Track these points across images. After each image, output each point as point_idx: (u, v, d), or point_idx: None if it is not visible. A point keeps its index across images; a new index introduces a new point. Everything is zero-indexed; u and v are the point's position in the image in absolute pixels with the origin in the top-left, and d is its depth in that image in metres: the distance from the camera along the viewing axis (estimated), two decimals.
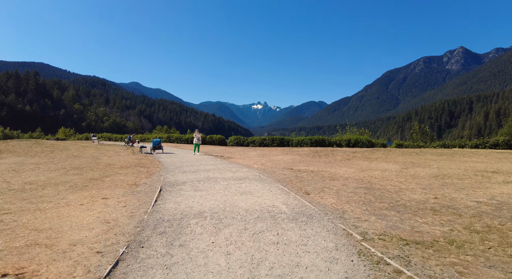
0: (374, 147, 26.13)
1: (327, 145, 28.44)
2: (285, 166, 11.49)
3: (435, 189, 7.21)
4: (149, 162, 12.39)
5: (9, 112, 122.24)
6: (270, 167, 11.13)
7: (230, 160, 13.63)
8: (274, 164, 12.18)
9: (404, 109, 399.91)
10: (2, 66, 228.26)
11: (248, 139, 32.20)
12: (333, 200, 6.10)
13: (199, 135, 16.97)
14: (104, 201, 5.67)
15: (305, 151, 18.58)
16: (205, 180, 7.92)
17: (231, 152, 19.09)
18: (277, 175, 9.05)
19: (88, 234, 3.90)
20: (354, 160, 13.70)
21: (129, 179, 8.18)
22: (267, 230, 4.18)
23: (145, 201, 5.77)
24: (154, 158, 14.44)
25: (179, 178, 8.25)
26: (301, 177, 8.70)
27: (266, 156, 16.03)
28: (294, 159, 14.29)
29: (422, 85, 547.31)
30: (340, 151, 17.58)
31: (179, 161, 13.10)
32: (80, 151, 16.08)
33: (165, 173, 9.32)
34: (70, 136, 57.65)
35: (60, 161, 12.03)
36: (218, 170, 9.97)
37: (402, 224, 4.55)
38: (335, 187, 7.42)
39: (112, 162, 11.99)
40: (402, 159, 13.68)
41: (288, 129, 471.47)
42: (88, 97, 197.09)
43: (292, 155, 16.36)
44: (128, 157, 14.22)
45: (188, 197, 6.07)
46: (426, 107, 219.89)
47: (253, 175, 8.99)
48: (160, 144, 17.65)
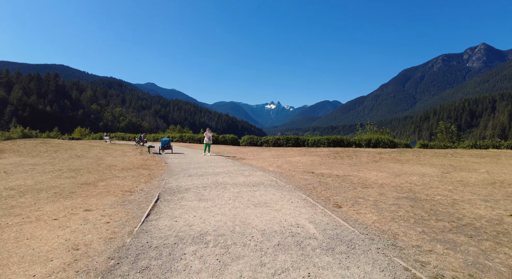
0: (396, 147, 24.25)
1: (345, 145, 26.79)
2: (305, 168, 10.13)
3: (501, 201, 5.67)
4: (154, 163, 11.36)
5: (31, 112, 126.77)
6: (287, 170, 9.81)
7: (243, 161, 12.41)
8: (291, 166, 10.84)
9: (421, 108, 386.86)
10: (26, 69, 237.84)
11: (262, 139, 30.95)
12: (373, 216, 4.72)
13: (210, 134, 15.81)
14: (85, 214, 4.55)
15: (324, 151, 17.09)
16: (213, 186, 6.71)
17: (244, 152, 17.89)
18: (297, 180, 7.72)
19: (38, 273, 2.74)
20: (382, 162, 12.14)
21: (126, 183, 7.09)
22: (292, 268, 2.89)
23: (135, 214, 4.61)
24: (162, 158, 13.43)
25: (182, 183, 7.08)
26: (326, 183, 7.33)
27: (281, 157, 14.71)
28: (314, 160, 12.88)
29: (440, 84, 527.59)
30: (363, 152, 15.99)
31: (187, 162, 12.00)
32: (85, 151, 15.33)
33: (168, 176, 8.19)
34: (85, 136, 58.45)
35: (60, 162, 11.20)
36: (229, 173, 8.75)
37: (489, 261, 3.14)
38: (371, 196, 6.02)
39: (114, 163, 11.04)
40: (438, 161, 11.99)
41: (301, 129, 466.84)
42: (105, 98, 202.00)
43: (310, 156, 14.95)
44: (133, 158, 13.28)
45: (189, 210, 4.86)
46: (445, 107, 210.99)
47: (269, 179, 7.70)
48: (169, 144, 16.68)
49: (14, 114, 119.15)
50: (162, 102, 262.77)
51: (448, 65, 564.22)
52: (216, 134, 35.02)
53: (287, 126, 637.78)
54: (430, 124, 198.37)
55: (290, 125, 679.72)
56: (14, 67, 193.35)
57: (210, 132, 15.95)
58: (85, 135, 58.59)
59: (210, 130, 16.08)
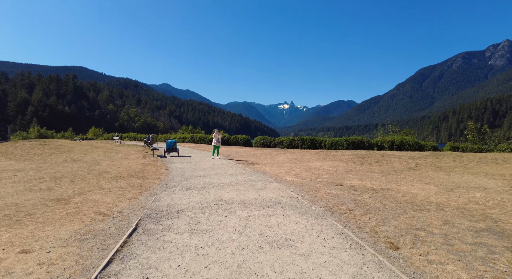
0: (422, 150, 21.96)
1: (366, 147, 24.68)
2: (330, 178, 8.36)
3: None
4: (153, 170, 9.91)
5: (50, 113, 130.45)
6: (309, 180, 8.08)
7: (255, 167, 10.77)
8: (312, 174, 9.10)
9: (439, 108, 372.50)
10: (48, 71, 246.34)
11: (275, 140, 29.22)
12: (458, 270, 2.95)
13: (219, 135, 14.23)
14: (15, 260, 3.04)
15: (346, 155, 15.19)
16: (214, 207, 5.10)
17: (257, 155, 16.25)
18: (323, 197, 5.99)
19: None
20: (421, 169, 10.17)
21: (107, 200, 5.60)
22: None
23: (91, 261, 3.05)
24: (164, 162, 12.00)
25: (176, 201, 5.51)
26: (363, 203, 5.56)
27: (298, 161, 12.96)
28: (337, 166, 11.07)
29: (460, 83, 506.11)
30: (392, 156, 13.98)
31: (191, 167, 10.49)
32: (84, 154, 14.15)
33: (162, 189, 6.65)
34: (99, 136, 58.69)
35: (49, 167, 9.95)
36: (237, 185, 7.12)
37: None
38: (434, 227, 4.22)
39: (108, 169, 9.66)
40: (493, 170, 9.89)
41: (315, 129, 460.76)
42: (121, 98, 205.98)
43: (332, 160, 13.13)
44: (133, 162, 11.92)
45: (174, 253, 3.26)
46: (465, 106, 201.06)
47: (287, 196, 6.02)
48: (174, 146, 15.27)
49: (35, 115, 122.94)
50: (177, 103, 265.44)
51: (468, 63, 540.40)
52: (228, 135, 33.56)
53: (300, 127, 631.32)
54: (449, 124, 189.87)
55: (304, 125, 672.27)
56: (36, 69, 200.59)
57: (219, 134, 14.34)
58: (99, 136, 58.85)
59: (219, 131, 14.47)
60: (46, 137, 51.98)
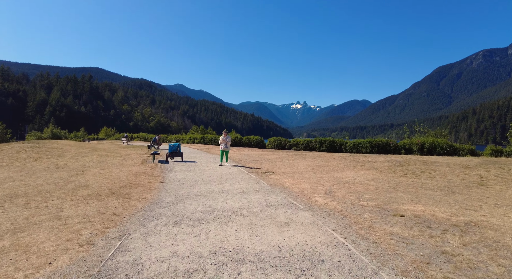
0: (457, 154, 19.11)
1: (392, 150, 22.04)
2: (376, 199, 6.06)
3: None
4: (145, 182, 7.91)
5: (67, 113, 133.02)
6: (348, 203, 5.82)
7: (272, 179, 8.59)
8: (349, 192, 6.83)
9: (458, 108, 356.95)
10: (66, 72, 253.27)
11: (290, 141, 26.90)
12: None
13: (228, 139, 11.87)
14: None
15: (379, 161, 12.74)
16: (211, 272, 2.96)
17: (272, 160, 14.07)
18: (387, 245, 3.74)
19: None
20: (493, 185, 7.67)
21: (46, 246, 3.58)
22: None
23: None
24: (163, 171, 10.03)
25: (151, 254, 3.38)
26: (462, 260, 3.27)
27: (323, 169, 10.67)
28: (376, 179, 8.72)
29: (480, 81, 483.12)
30: (439, 164, 11.42)
31: (192, 179, 8.43)
32: (75, 158, 12.37)
33: (139, 222, 4.56)
34: (111, 136, 58.17)
35: (20, 177, 8.14)
36: (250, 215, 4.94)
37: None
38: None
39: (91, 182, 7.74)
40: None
41: (328, 129, 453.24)
42: (136, 99, 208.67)
43: (364, 169, 10.76)
44: (126, 170, 10.00)
45: None
46: (486, 105, 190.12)
47: (330, 241, 3.81)
48: (178, 149, 13.30)
49: (52, 115, 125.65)
50: (190, 103, 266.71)
51: (489, 61, 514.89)
52: (240, 136, 31.44)
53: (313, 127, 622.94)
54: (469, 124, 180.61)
55: (317, 125, 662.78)
56: (56, 70, 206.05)
57: (228, 136, 12.03)
58: (110, 136, 58.35)
59: (227, 133, 12.14)
60: (59, 137, 51.82)
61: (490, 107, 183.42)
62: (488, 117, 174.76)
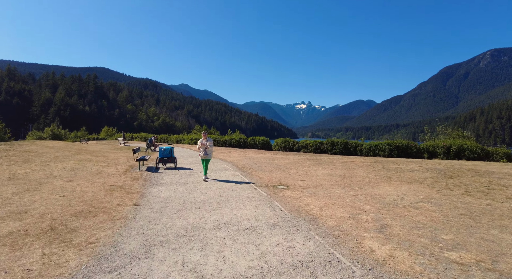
0: (490, 158, 16.62)
1: (414, 153, 19.71)
2: (466, 245, 3.68)
3: None
4: (113, 206, 5.65)
5: (71, 112, 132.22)
6: (427, 255, 3.46)
7: (288, 198, 6.27)
8: (411, 228, 4.46)
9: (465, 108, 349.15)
10: (72, 71, 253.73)
11: (299, 143, 24.54)
12: None
13: (209, 142, 8.63)
14: None
15: (416, 170, 10.31)
16: None
17: (283, 166, 11.73)
18: None
19: None
20: None
21: None
22: None
23: None
24: (145, 184, 7.77)
25: None
26: None
27: (351, 181, 8.30)
28: (431, 199, 6.32)
29: (488, 81, 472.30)
30: (502, 176, 8.96)
31: (180, 200, 6.15)
32: (44, 165, 10.16)
33: None
34: (112, 135, 56.44)
35: None
36: None
37: None
38: None
39: (36, 205, 5.50)
40: None
41: (333, 129, 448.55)
42: (140, 98, 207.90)
43: (403, 181, 8.36)
44: (99, 182, 7.76)
45: None
46: (494, 106, 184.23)
47: None
48: (171, 154, 11.05)
49: (57, 114, 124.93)
50: (195, 103, 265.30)
51: (497, 61, 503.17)
52: (245, 136, 29.09)
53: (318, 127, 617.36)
54: (477, 125, 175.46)
55: (321, 125, 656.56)
56: (61, 70, 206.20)
57: (209, 139, 8.74)
58: (111, 135, 56.62)
59: (206, 134, 8.79)
60: (59, 137, 50.21)
61: (498, 108, 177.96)
62: (497, 118, 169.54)
